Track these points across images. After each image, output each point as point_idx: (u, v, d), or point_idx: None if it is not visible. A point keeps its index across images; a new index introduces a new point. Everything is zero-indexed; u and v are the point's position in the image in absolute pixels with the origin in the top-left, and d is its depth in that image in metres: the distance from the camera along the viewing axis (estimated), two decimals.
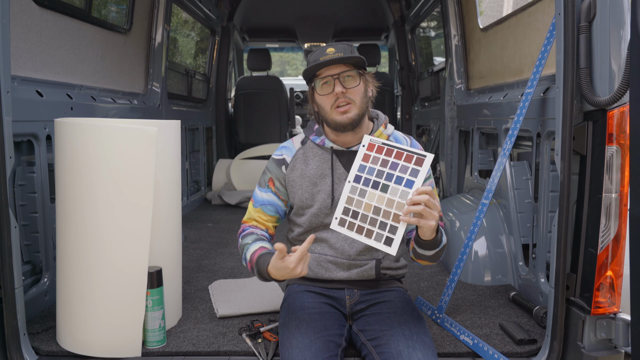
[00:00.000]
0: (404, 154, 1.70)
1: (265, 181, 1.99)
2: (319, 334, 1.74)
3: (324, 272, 1.94)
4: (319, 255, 1.94)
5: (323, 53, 1.81)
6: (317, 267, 1.94)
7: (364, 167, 1.74)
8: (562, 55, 1.83)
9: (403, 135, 1.98)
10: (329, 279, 1.95)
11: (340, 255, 1.93)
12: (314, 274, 1.96)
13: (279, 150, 1.99)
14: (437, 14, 4.58)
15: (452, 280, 2.30)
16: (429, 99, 5.05)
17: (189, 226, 4.02)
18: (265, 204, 1.97)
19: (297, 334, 1.74)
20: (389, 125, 1.97)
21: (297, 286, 2.01)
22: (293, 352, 1.68)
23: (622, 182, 1.79)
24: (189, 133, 4.81)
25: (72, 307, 1.94)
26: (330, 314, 1.87)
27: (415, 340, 1.70)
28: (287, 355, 1.69)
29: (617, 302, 1.84)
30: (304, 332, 1.74)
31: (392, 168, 1.70)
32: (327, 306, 1.91)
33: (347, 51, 1.81)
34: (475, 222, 2.38)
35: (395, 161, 1.71)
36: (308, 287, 1.98)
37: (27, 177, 2.26)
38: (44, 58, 2.47)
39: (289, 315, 1.86)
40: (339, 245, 1.92)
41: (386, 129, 1.94)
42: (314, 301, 1.91)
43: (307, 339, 1.72)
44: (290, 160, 1.95)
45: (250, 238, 1.91)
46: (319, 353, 1.67)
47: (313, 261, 1.95)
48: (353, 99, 1.80)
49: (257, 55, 6.18)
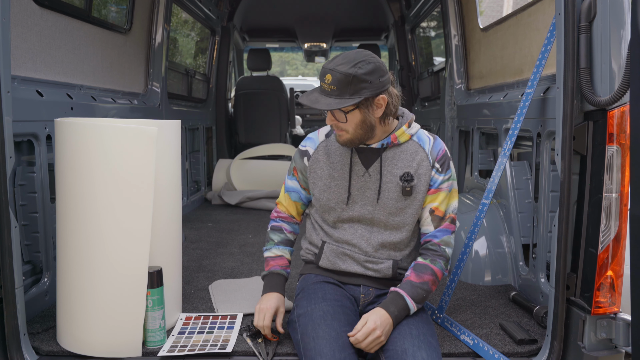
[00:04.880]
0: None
1: (291, 169, 2.10)
2: (344, 328, 1.78)
3: (341, 263, 1.98)
4: (337, 247, 1.98)
5: (323, 76, 1.78)
6: (335, 258, 1.98)
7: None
8: (562, 55, 1.83)
9: (427, 135, 1.98)
10: (346, 271, 1.99)
11: (357, 251, 1.97)
12: (331, 264, 1.99)
13: (305, 141, 2.06)
14: (437, 14, 4.58)
15: (452, 280, 2.30)
16: (429, 99, 5.05)
17: (189, 226, 4.02)
18: (291, 191, 2.11)
19: (323, 325, 1.76)
20: (414, 124, 1.96)
21: (314, 276, 2.04)
22: (320, 342, 1.70)
23: (622, 182, 1.79)
24: (189, 133, 4.81)
25: (72, 307, 1.94)
26: (350, 310, 1.91)
27: (422, 341, 1.72)
28: (313, 345, 1.70)
29: (617, 302, 1.84)
30: (330, 324, 1.77)
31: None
32: (348, 301, 1.95)
33: (343, 85, 1.73)
34: (476, 222, 2.38)
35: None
36: (326, 278, 2.01)
37: (27, 177, 2.26)
38: (44, 58, 2.47)
39: (311, 304, 1.87)
40: (356, 242, 1.97)
41: (409, 128, 1.94)
42: (336, 293, 1.94)
43: (333, 331, 1.74)
44: (312, 152, 2.01)
45: (276, 237, 2.10)
46: (345, 347, 1.70)
47: (331, 252, 1.99)
48: (345, 129, 1.85)
49: (257, 55, 6.17)
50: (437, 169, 1.93)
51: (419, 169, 1.91)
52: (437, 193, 1.93)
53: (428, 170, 1.92)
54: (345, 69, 1.73)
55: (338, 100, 1.75)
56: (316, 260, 2.03)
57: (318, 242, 2.03)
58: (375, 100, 1.80)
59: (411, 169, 1.91)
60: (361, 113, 1.81)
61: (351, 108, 1.79)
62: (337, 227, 2.00)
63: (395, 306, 1.81)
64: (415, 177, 1.90)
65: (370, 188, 1.93)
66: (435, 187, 1.93)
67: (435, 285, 1.92)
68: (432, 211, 1.94)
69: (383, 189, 1.92)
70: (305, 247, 2.10)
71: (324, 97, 1.78)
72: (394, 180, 1.91)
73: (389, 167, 1.92)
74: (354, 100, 1.74)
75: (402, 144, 1.93)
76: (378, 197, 1.92)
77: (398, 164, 1.91)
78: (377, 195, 1.92)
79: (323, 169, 1.97)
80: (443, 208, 1.94)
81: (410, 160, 1.92)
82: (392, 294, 1.86)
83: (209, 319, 2.22)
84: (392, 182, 1.91)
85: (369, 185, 1.93)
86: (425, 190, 1.93)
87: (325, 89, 1.77)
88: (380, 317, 1.76)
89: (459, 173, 3.76)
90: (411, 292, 1.85)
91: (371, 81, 1.75)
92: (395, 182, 1.91)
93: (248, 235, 3.76)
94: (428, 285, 1.88)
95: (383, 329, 1.75)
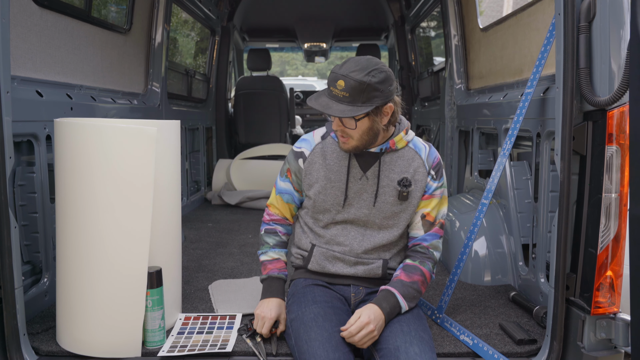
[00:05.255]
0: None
1: (284, 171, 2.07)
2: (336, 328, 1.78)
3: (330, 266, 1.98)
4: (327, 250, 1.98)
5: (334, 82, 1.76)
6: (324, 261, 1.99)
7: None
8: (562, 55, 1.83)
9: (423, 143, 2.00)
10: (335, 274, 1.99)
11: (348, 253, 1.97)
12: (320, 267, 1.99)
13: (299, 143, 2.04)
14: (437, 14, 4.58)
15: (452, 280, 2.30)
16: (428, 99, 5.05)
17: (189, 226, 4.02)
18: (283, 193, 2.09)
19: (314, 327, 1.76)
20: (410, 131, 1.99)
21: (303, 280, 2.04)
22: (313, 344, 1.70)
23: (622, 182, 1.79)
24: (189, 133, 4.81)
25: (72, 307, 1.94)
26: (342, 310, 1.91)
27: (413, 337, 1.73)
28: (307, 348, 1.71)
29: (617, 302, 1.84)
30: (322, 325, 1.77)
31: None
32: (338, 301, 1.95)
33: (355, 92, 1.73)
34: (475, 222, 2.38)
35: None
36: (315, 281, 2.02)
37: (27, 177, 2.26)
38: (44, 58, 2.47)
39: (301, 308, 1.88)
40: (347, 243, 1.97)
41: (407, 134, 1.96)
42: (326, 295, 1.95)
43: (325, 332, 1.74)
44: (308, 154, 2.00)
45: (271, 240, 2.10)
46: (339, 347, 1.71)
47: (320, 255, 1.99)
48: (351, 135, 1.85)
49: (257, 55, 6.17)
50: (433, 176, 1.96)
51: (415, 175, 1.94)
52: (430, 199, 1.97)
53: (424, 176, 1.95)
54: (360, 76, 1.73)
55: (351, 107, 1.75)
56: (305, 264, 2.03)
57: (307, 245, 2.03)
58: (383, 108, 1.81)
59: (408, 175, 1.93)
60: (370, 120, 1.81)
61: (362, 116, 1.79)
62: (329, 227, 2.00)
63: (387, 303, 1.83)
64: (412, 182, 1.93)
65: (367, 191, 1.94)
66: (429, 193, 1.97)
67: (424, 287, 1.94)
68: (424, 216, 1.98)
69: (380, 192, 1.93)
70: (294, 252, 2.11)
71: (335, 102, 1.77)
72: (391, 185, 1.93)
73: (386, 172, 1.93)
74: (367, 108, 1.75)
75: (399, 150, 1.95)
76: (375, 200, 1.93)
77: (395, 169, 1.93)
78: (374, 199, 1.93)
79: (319, 171, 1.97)
80: (434, 214, 1.98)
81: (407, 166, 1.94)
82: (384, 291, 1.87)
83: (208, 319, 2.22)
84: (389, 186, 1.93)
85: (365, 188, 1.94)
86: (421, 196, 1.96)
87: (337, 94, 1.76)
88: (373, 313, 1.77)
89: (458, 173, 3.77)
90: (402, 290, 1.87)
91: (382, 90, 1.76)
92: (392, 186, 1.93)
93: (248, 235, 3.76)
94: (418, 285, 1.90)
95: (376, 323, 1.76)
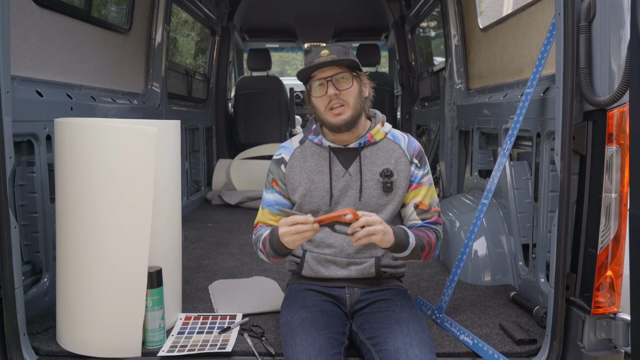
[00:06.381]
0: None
1: (269, 182, 2.03)
2: (322, 332, 1.76)
3: (323, 270, 1.96)
4: (318, 255, 1.97)
5: (317, 55, 1.83)
6: (317, 266, 1.97)
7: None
8: (562, 55, 1.83)
9: (401, 133, 2.01)
10: (329, 277, 1.97)
11: (339, 254, 1.95)
12: (313, 272, 1.97)
13: (278, 151, 2.03)
14: (437, 14, 4.58)
15: (452, 280, 2.30)
16: (428, 99, 5.05)
17: (189, 226, 4.02)
18: (272, 205, 2.02)
19: (300, 332, 1.76)
20: (387, 123, 2.00)
21: (297, 285, 2.03)
22: (297, 349, 1.69)
23: (622, 182, 1.79)
24: (189, 133, 4.81)
25: (72, 307, 1.94)
26: (332, 313, 1.89)
27: (413, 338, 1.72)
28: (291, 354, 1.70)
29: (617, 302, 1.84)
30: (307, 330, 1.76)
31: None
32: (329, 304, 1.93)
33: (341, 53, 1.82)
34: (475, 222, 2.38)
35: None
36: (308, 286, 2.00)
37: (27, 177, 2.26)
38: (44, 58, 2.47)
39: (291, 313, 1.87)
40: (338, 244, 1.95)
41: (383, 126, 1.97)
42: (316, 299, 1.93)
43: (310, 336, 1.73)
44: (288, 158, 1.99)
45: (263, 230, 1.98)
46: (322, 350, 1.69)
47: (312, 260, 1.97)
48: (347, 101, 1.84)
49: (257, 55, 6.17)
50: (417, 165, 1.96)
51: (397, 165, 1.94)
52: (419, 187, 1.96)
53: (407, 166, 1.94)
54: (339, 47, 1.84)
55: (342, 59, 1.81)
56: (298, 270, 2.02)
57: (299, 251, 2.02)
58: (364, 79, 1.91)
59: (390, 165, 1.93)
60: (358, 84, 1.87)
61: (353, 75, 1.85)
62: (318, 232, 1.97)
63: (397, 229, 1.79)
64: (394, 172, 1.92)
65: (351, 187, 1.93)
66: (417, 182, 1.96)
67: (429, 248, 1.88)
68: (417, 205, 1.96)
69: (364, 187, 1.93)
70: (288, 259, 2.09)
71: (325, 61, 1.81)
72: (374, 178, 1.93)
73: (368, 166, 1.93)
74: (355, 59, 1.82)
75: (378, 142, 1.95)
76: (360, 195, 1.93)
77: (377, 161, 1.93)
78: (359, 194, 1.93)
79: (302, 174, 1.96)
80: (427, 201, 1.97)
81: (388, 157, 1.94)
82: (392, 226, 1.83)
83: (208, 319, 2.22)
84: (372, 179, 1.93)
85: (350, 185, 1.93)
86: (406, 186, 1.94)
87: (324, 59, 1.81)
88: (385, 225, 1.72)
89: (458, 173, 3.77)
90: (411, 230, 1.85)
91: (358, 62, 1.85)
92: (375, 179, 1.92)
93: (248, 235, 3.76)
94: (424, 241, 1.86)
95: (384, 230, 1.70)
